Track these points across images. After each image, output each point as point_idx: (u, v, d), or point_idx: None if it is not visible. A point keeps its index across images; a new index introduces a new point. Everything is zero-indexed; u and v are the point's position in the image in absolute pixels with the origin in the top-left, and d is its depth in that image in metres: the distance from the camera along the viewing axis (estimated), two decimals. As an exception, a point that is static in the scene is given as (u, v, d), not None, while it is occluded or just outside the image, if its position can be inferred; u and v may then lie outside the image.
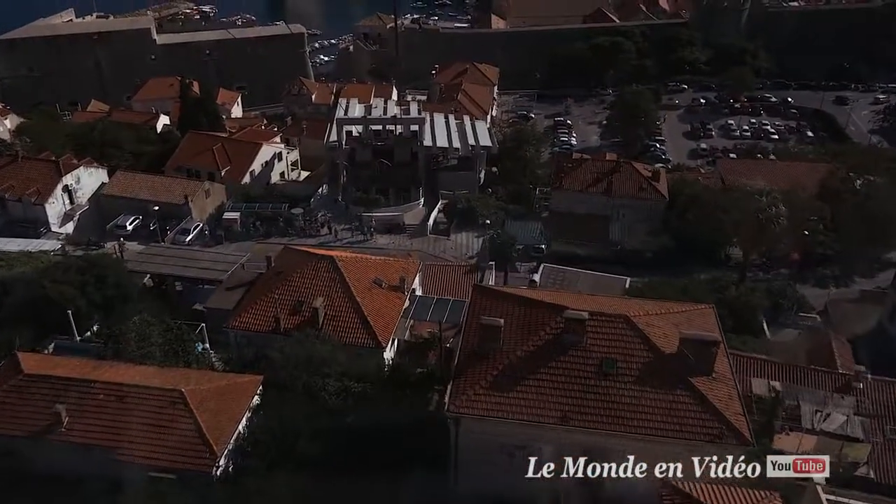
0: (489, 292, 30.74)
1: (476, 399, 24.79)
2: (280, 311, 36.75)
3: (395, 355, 38.26)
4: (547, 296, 29.86)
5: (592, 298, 30.46)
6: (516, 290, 31.39)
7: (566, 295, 30.99)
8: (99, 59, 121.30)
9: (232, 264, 43.64)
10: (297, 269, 38.85)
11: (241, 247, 58.71)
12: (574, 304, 27.57)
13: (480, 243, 62.04)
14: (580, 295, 31.26)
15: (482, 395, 24.82)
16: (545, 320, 26.49)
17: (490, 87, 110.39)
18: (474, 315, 29.10)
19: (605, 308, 27.56)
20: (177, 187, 61.67)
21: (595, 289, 45.69)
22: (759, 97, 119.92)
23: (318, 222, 62.58)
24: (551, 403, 24.55)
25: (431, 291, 45.98)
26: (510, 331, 26.66)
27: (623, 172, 65.39)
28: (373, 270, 40.01)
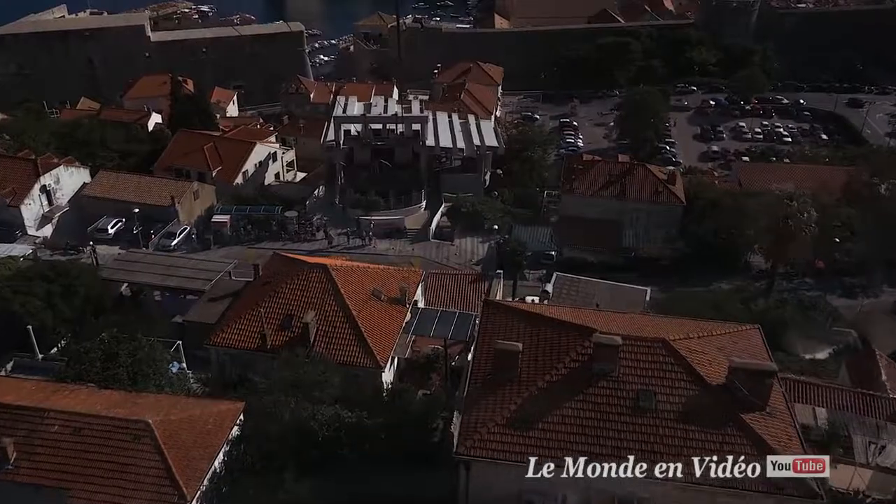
0: (502, 309, 27.02)
1: (490, 439, 21.06)
2: (267, 326, 33.09)
3: (395, 376, 34.58)
4: (569, 314, 26.13)
5: (621, 317, 26.71)
6: (533, 307, 27.71)
7: (590, 313, 27.28)
8: (91, 57, 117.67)
9: (216, 273, 39.92)
10: (287, 278, 35.21)
11: (230, 252, 55.06)
12: (602, 325, 23.89)
13: (486, 249, 58.41)
14: (607, 313, 27.56)
15: (497, 434, 21.10)
16: (570, 344, 22.79)
17: (494, 88, 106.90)
18: (486, 336, 25.42)
19: (638, 330, 23.86)
20: (163, 188, 57.93)
21: (614, 301, 42.08)
22: (770, 99, 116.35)
23: (314, 226, 58.87)
24: (578, 445, 20.85)
25: (435, 302, 42.35)
26: (529, 356, 22.96)
27: (637, 175, 61.70)
28: (370, 280, 36.35)
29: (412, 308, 36.58)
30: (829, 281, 56.90)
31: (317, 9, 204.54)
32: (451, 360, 35.92)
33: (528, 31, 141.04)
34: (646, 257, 57.01)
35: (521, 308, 27.23)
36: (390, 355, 32.84)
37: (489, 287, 44.33)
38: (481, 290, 44.25)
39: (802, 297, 47.45)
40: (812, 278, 57.96)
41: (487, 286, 44.46)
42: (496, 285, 44.72)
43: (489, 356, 23.87)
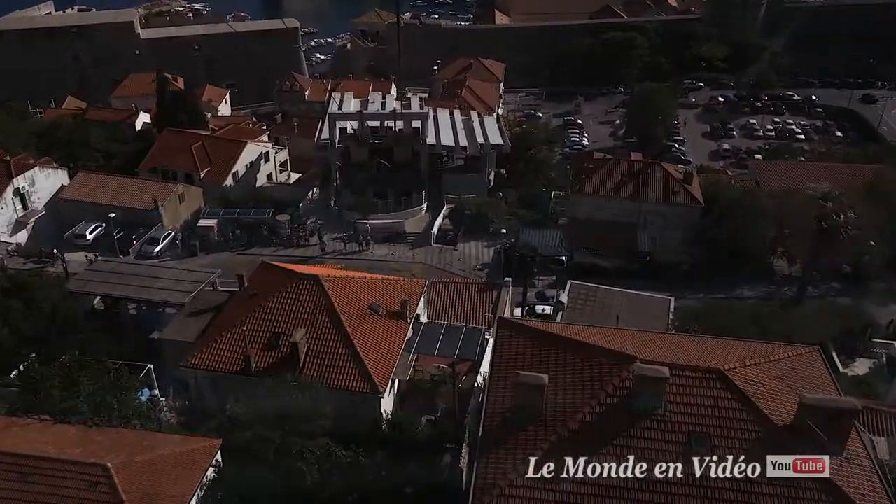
0: (519, 329, 23.31)
1: (512, 494, 17.37)
2: (251, 345, 29.39)
3: (395, 400, 30.89)
4: (598, 335, 22.46)
5: (657, 339, 23.06)
6: (555, 328, 23.96)
7: (622, 335, 23.56)
8: (79, 55, 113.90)
9: (198, 284, 36.16)
10: (274, 291, 31.49)
11: (217, 259, 51.33)
12: (639, 349, 20.28)
13: (492, 254, 54.70)
14: (641, 334, 23.86)
15: (520, 488, 17.40)
16: (605, 376, 19.11)
17: (496, 84, 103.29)
18: (501, 362, 21.80)
19: (683, 355, 20.19)
20: (146, 191, 54.15)
21: (635, 312, 38.42)
22: (781, 95, 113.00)
23: (307, 230, 55.10)
24: (619, 499, 17.20)
25: (439, 315, 38.74)
26: (556, 390, 19.29)
27: (651, 174, 57.93)
28: (368, 292, 32.64)
29: (414, 323, 32.95)
30: (857, 286, 53.20)
31: (313, 7, 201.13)
32: (459, 381, 32.26)
33: (530, 27, 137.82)
34: (662, 262, 53.27)
35: (540, 327, 23.51)
36: (390, 378, 29.17)
37: (497, 297, 40.66)
38: (489, 301, 40.60)
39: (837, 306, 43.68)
40: (839, 283, 54.33)
41: (496, 296, 40.80)
42: (505, 294, 41.02)
43: (507, 388, 20.23)
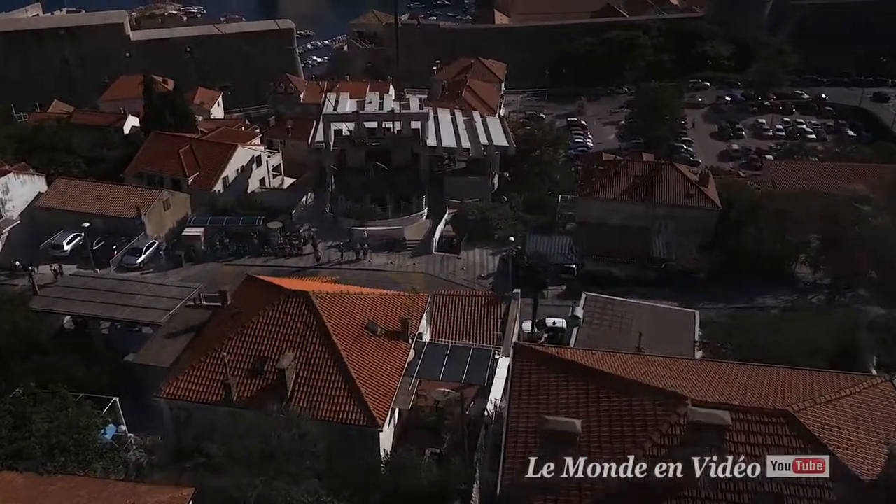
0: (539, 357, 20.04)
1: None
2: (232, 372, 26.10)
3: (396, 432, 27.59)
4: (631, 365, 19.20)
5: (703, 367, 19.77)
6: (581, 355, 20.67)
7: (659, 363, 20.24)
8: (67, 57, 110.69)
9: (177, 300, 32.84)
10: (260, 309, 28.19)
11: (204, 270, 48.09)
12: (682, 381, 17.01)
13: (497, 262, 51.42)
14: (681, 362, 20.57)
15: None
16: (649, 419, 15.83)
17: (497, 85, 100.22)
18: (520, 398, 18.53)
19: (739, 392, 16.92)
20: (129, 197, 50.85)
21: (657, 327, 35.17)
22: (790, 94, 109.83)
23: (301, 239, 51.81)
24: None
25: (442, 331, 35.45)
26: (590, 437, 16.00)
27: (665, 176, 54.78)
28: (364, 310, 29.37)
29: (416, 343, 29.67)
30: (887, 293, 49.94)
31: (310, 10, 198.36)
32: (467, 407, 28.98)
33: (531, 27, 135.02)
34: (679, 270, 50.05)
35: (562, 355, 20.23)
36: (390, 407, 25.88)
37: (506, 310, 37.38)
38: (497, 315, 37.33)
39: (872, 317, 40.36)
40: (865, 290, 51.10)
41: (504, 309, 37.52)
42: (514, 308, 37.73)
43: (529, 433, 16.94)
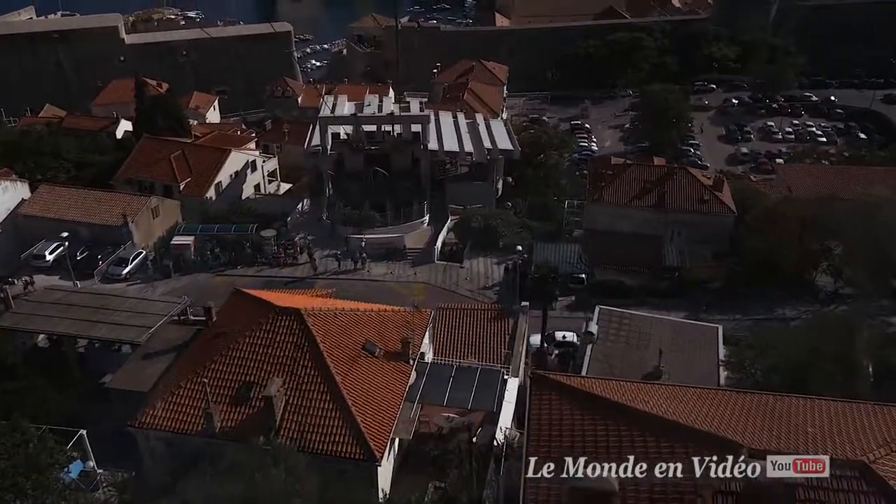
0: (559, 389, 17.52)
1: None
2: (216, 399, 23.61)
3: (395, 464, 25.07)
4: (662, 397, 16.69)
5: (744, 401, 17.25)
6: (605, 386, 18.15)
7: (694, 394, 17.70)
8: (60, 61, 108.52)
9: (160, 316, 30.35)
10: (246, 329, 25.69)
11: (193, 281, 45.61)
12: (726, 420, 14.52)
13: (502, 272, 48.91)
14: (719, 394, 18.03)
15: None
16: (699, 470, 13.29)
17: (500, 87, 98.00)
18: (540, 441, 16.03)
19: (796, 434, 14.41)
20: (116, 205, 48.39)
21: (678, 342, 32.71)
22: (798, 97, 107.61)
23: (296, 247, 49.31)
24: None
25: (445, 349, 32.94)
26: (626, 492, 13.48)
27: (677, 181, 52.39)
28: (361, 329, 26.87)
29: (418, 364, 27.18)
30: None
31: (309, 15, 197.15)
32: (474, 434, 26.51)
33: (533, 29, 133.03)
34: (693, 279, 47.58)
35: (585, 388, 17.70)
36: (390, 438, 23.37)
37: (515, 325, 34.86)
38: (504, 330, 34.78)
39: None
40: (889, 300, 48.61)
41: (512, 324, 34.98)
42: (522, 322, 35.20)
43: (553, 483, 14.41)
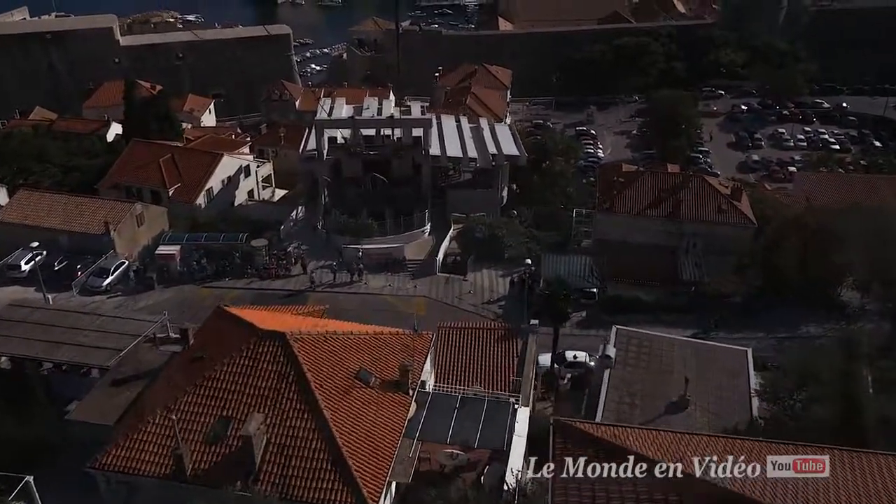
0: (588, 442, 14.62)
1: None
2: (188, 436, 20.70)
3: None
4: (707, 447, 13.79)
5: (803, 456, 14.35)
6: (637, 436, 15.24)
7: (740, 446, 14.77)
8: (53, 63, 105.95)
9: (133, 336, 27.44)
10: (225, 355, 22.79)
11: (179, 293, 42.75)
12: (799, 489, 11.58)
13: (507, 285, 46.02)
14: (769, 445, 15.09)
15: None
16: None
17: (503, 92, 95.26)
18: None
19: None
20: (99, 211, 45.57)
21: (703, 367, 29.78)
22: (809, 103, 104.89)
23: (289, 258, 46.44)
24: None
25: (448, 372, 30.06)
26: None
27: (693, 189, 49.57)
28: (354, 353, 23.96)
29: (418, 393, 24.29)
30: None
31: (309, 19, 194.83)
32: (480, 474, 23.63)
33: (537, 33, 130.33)
34: (712, 294, 44.69)
35: (623, 444, 14.78)
36: (386, 482, 20.45)
37: (524, 346, 31.95)
38: (512, 351, 31.84)
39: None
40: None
41: (521, 345, 32.07)
42: (532, 343, 32.29)
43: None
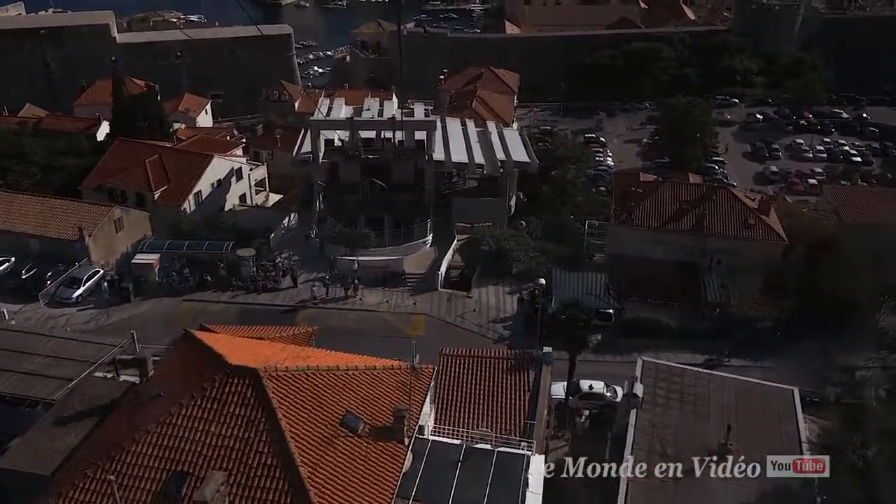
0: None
1: None
2: (132, 497, 16.94)
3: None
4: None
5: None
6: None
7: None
8: (47, 59, 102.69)
9: (87, 364, 23.70)
10: (185, 393, 19.04)
11: (158, 307, 39.07)
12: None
13: (516, 303, 42.23)
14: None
15: None
16: None
17: (510, 96, 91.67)
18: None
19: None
20: (76, 215, 41.93)
21: (746, 409, 25.98)
22: (827, 113, 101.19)
23: (279, 269, 42.73)
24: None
25: (451, 411, 26.24)
26: None
27: (718, 201, 45.82)
28: (340, 394, 20.18)
29: (415, 442, 20.50)
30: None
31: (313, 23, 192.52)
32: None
33: (544, 37, 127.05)
34: (739, 318, 40.87)
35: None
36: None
37: (537, 378, 28.13)
38: (524, 384, 28.01)
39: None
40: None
41: (533, 377, 28.25)
42: (546, 375, 28.47)
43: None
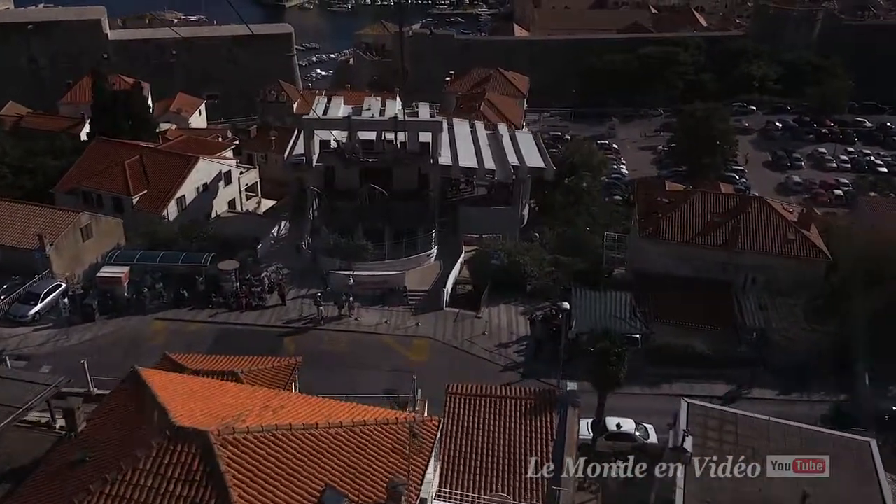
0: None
1: None
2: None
3: None
4: None
5: None
6: None
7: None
8: (35, 56, 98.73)
9: (11, 409, 19.17)
10: (116, 461, 14.48)
11: (126, 326, 34.52)
12: None
13: (529, 325, 37.62)
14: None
15: None
16: None
17: (520, 100, 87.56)
18: None
19: None
20: (34, 221, 37.53)
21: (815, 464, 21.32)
22: (849, 122, 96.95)
23: (267, 284, 38.17)
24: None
25: (458, 466, 21.66)
26: None
27: (754, 214, 41.30)
28: (319, 461, 15.58)
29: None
30: None
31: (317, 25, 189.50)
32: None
33: (555, 40, 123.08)
34: (781, 344, 36.31)
35: None
36: None
37: (562, 422, 23.53)
38: (546, 430, 23.42)
39: None
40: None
41: (556, 421, 23.66)
42: (573, 418, 23.87)
43: None
